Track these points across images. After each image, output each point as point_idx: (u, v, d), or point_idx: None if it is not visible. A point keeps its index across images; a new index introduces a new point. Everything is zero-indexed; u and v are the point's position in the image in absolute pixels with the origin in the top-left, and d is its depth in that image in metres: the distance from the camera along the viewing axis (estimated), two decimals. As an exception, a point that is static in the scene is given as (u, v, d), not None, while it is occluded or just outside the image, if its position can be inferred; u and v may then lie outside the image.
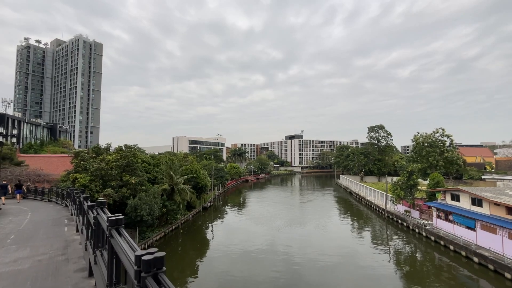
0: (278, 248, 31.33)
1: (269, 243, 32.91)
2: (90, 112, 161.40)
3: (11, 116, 71.88)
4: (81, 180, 25.34)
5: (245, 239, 34.43)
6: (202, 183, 44.63)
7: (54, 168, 37.69)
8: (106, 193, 24.84)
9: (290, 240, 34.03)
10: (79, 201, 9.01)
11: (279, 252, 29.93)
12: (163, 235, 35.35)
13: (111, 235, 3.04)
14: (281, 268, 26.04)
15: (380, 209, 50.14)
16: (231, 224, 43.55)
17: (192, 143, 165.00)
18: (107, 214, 4.22)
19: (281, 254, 29.46)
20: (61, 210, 15.74)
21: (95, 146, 30.76)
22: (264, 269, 25.75)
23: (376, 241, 34.93)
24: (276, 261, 27.52)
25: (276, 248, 31.35)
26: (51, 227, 11.05)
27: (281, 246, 31.96)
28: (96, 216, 4.58)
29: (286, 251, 30.38)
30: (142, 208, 26.15)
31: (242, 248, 31.20)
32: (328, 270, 25.89)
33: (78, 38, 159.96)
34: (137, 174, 29.66)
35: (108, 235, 3.12)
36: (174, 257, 28.68)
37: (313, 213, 51.83)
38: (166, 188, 34.64)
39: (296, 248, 31.46)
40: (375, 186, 67.26)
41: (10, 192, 21.82)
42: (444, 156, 47.94)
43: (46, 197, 21.05)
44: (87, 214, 6.09)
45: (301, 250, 30.77)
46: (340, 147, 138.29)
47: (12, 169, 30.57)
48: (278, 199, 71.36)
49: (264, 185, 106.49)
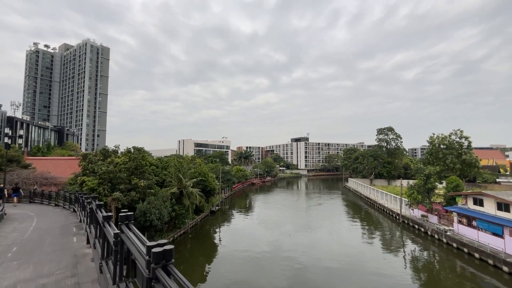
0: (290, 254, 29.95)
1: (281, 249, 31.55)
2: (97, 116, 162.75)
3: (19, 119, 72.26)
4: (89, 184, 24.49)
5: (255, 245, 33.14)
6: (211, 186, 43.58)
7: (61, 171, 37.06)
8: (115, 196, 23.93)
9: (302, 246, 32.62)
10: (90, 209, 7.95)
11: (291, 259, 28.56)
12: (172, 240, 34.26)
13: (156, 278, 1.98)
14: (295, 276, 24.68)
15: (394, 214, 48.32)
16: (240, 228, 42.30)
17: (197, 146, 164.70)
18: (139, 236, 3.00)
19: (294, 261, 28.09)
20: (69, 215, 14.81)
21: (103, 148, 29.88)
22: (277, 277, 24.43)
23: (392, 248, 33.30)
24: (289, 269, 26.18)
25: (288, 254, 29.97)
26: (58, 236, 10.02)
27: (293, 252, 30.57)
28: (119, 235, 3.46)
29: (298, 257, 29.00)
30: (152, 213, 25.14)
31: (252, 255, 29.92)
32: (343, 278, 24.48)
33: (86, 43, 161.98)
34: (146, 177, 28.72)
35: (151, 276, 2.03)
36: (184, 264, 27.55)
37: (323, 217, 50.24)
38: (174, 191, 33.66)
39: (308, 254, 30.05)
40: (385, 190, 65.32)
41: (6, 196, 21.04)
42: (462, 158, 45.94)
43: (53, 201, 20.22)
44: (103, 227, 4.99)
45: (314, 257, 29.35)
46: (347, 150, 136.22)
47: (19, 171, 29.94)
48: (286, 202, 69.87)
49: (271, 188, 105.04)
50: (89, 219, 8.42)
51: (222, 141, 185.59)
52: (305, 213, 55.54)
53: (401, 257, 30.09)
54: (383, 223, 45.83)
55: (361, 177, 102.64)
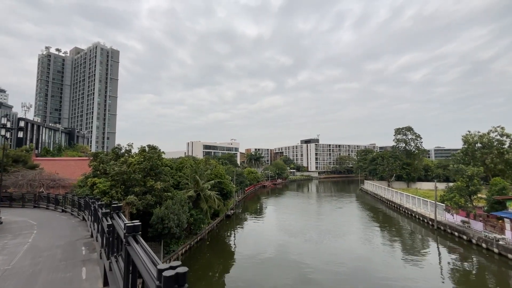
0: (327, 267, 26.51)
1: (313, 260, 28.09)
2: (107, 118, 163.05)
3: (30, 121, 71.28)
4: (100, 186, 21.84)
5: (281, 254, 29.85)
6: (227, 188, 40.57)
7: (71, 172, 34.72)
8: (129, 200, 21.17)
9: (334, 256, 29.15)
10: (110, 226, 4.98)
11: (330, 272, 25.13)
12: (188, 248, 31.33)
13: None
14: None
15: (426, 219, 44.22)
16: (260, 235, 39.05)
17: (206, 148, 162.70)
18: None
19: (334, 274, 24.66)
20: (77, 226, 12.01)
21: (115, 147, 27.16)
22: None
23: (431, 258, 29.43)
24: (333, 283, 22.78)
25: (325, 267, 26.54)
26: (59, 266, 6.98)
27: (329, 264, 27.12)
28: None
29: (336, 269, 25.55)
30: (170, 219, 22.24)
31: (280, 266, 26.64)
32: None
33: (96, 46, 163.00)
34: (163, 178, 25.89)
35: None
36: (203, 276, 24.49)
37: (348, 222, 46.50)
38: (191, 194, 30.76)
39: (349, 266, 26.56)
40: (407, 192, 61.16)
41: None
42: (505, 158, 41.45)
43: (61, 206, 17.55)
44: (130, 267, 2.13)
45: (355, 267, 25.86)
46: (362, 151, 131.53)
47: (24, 172, 27.52)
48: (303, 206, 66.32)
49: (283, 191, 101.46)
50: (107, 239, 5.40)
51: (231, 143, 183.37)
52: (326, 217, 51.88)
53: (447, 270, 26.26)
54: (414, 230, 41.87)
55: (377, 179, 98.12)
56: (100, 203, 9.46)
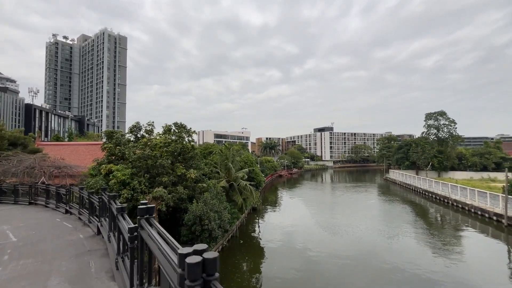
0: (389, 274, 20.98)
1: (374, 261, 22.56)
2: (116, 107, 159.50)
3: (38, 107, 67.03)
4: (118, 174, 16.57)
5: (330, 253, 24.40)
6: (258, 178, 35.13)
7: (81, 158, 29.74)
8: (157, 194, 15.87)
9: (396, 260, 23.53)
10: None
11: (395, 282, 19.61)
12: (221, 249, 26.28)
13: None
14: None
15: (489, 214, 37.98)
16: (296, 229, 33.67)
17: (217, 137, 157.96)
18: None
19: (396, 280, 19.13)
20: (89, 251, 6.53)
21: (133, 125, 21.61)
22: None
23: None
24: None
25: (389, 274, 21.02)
26: None
27: (392, 272, 21.57)
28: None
29: (401, 273, 19.97)
30: (211, 218, 16.91)
31: (330, 267, 21.23)
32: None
33: (103, 32, 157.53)
34: (196, 165, 20.31)
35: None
36: (232, 277, 19.33)
37: (392, 218, 40.70)
38: (224, 185, 25.43)
39: (414, 272, 20.94)
40: (445, 181, 54.71)
41: None
42: None
43: (63, 205, 12.18)
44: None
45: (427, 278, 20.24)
46: (385, 138, 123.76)
47: (22, 158, 22.33)
48: (331, 198, 60.77)
49: (300, 181, 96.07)
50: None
51: (242, 132, 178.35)
52: (365, 212, 45.97)
53: None
54: (475, 226, 35.87)
55: (404, 168, 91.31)
56: (121, 206, 5.13)
